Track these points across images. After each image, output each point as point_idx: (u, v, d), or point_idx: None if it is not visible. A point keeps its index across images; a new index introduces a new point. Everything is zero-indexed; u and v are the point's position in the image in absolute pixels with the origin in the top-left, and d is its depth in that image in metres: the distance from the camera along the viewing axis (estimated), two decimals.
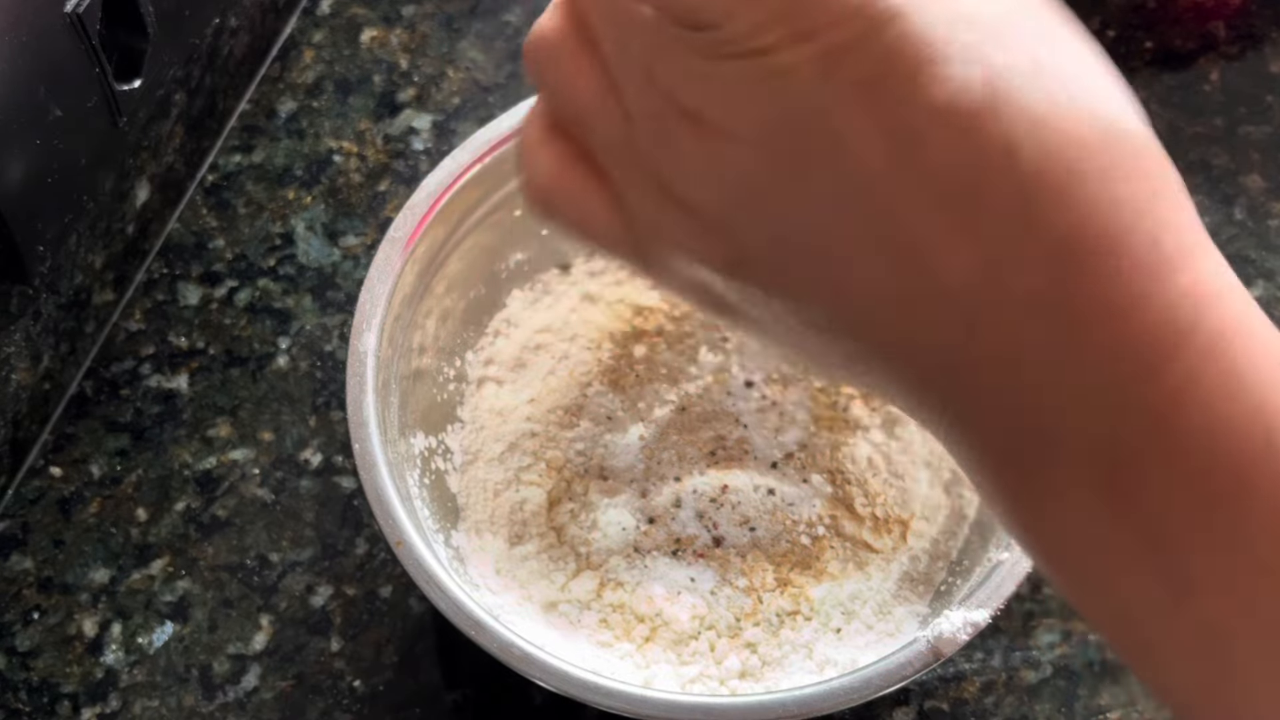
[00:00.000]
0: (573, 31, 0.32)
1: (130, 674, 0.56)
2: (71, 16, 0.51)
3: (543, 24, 0.32)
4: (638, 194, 0.31)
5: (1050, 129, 0.27)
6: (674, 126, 0.29)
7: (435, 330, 0.58)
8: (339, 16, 0.72)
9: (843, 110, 0.28)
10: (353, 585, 0.58)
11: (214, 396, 0.62)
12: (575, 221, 0.33)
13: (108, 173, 0.59)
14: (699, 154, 0.29)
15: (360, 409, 0.52)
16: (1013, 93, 0.27)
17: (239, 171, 0.67)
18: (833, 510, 0.56)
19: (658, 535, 0.56)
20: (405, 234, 0.55)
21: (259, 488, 0.60)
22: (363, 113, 0.69)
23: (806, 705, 0.48)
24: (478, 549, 0.55)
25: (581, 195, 0.32)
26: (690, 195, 0.30)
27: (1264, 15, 0.72)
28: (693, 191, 0.30)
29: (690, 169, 0.30)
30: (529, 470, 0.57)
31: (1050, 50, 0.29)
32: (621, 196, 0.32)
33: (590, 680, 0.48)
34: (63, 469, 0.61)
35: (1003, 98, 0.27)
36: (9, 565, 0.59)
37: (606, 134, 0.31)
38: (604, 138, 0.31)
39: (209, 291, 0.64)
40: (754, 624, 0.54)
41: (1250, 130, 0.69)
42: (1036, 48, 0.28)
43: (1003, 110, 0.27)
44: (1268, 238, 0.66)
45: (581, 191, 0.32)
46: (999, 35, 0.28)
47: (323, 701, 0.56)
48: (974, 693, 0.56)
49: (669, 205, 0.30)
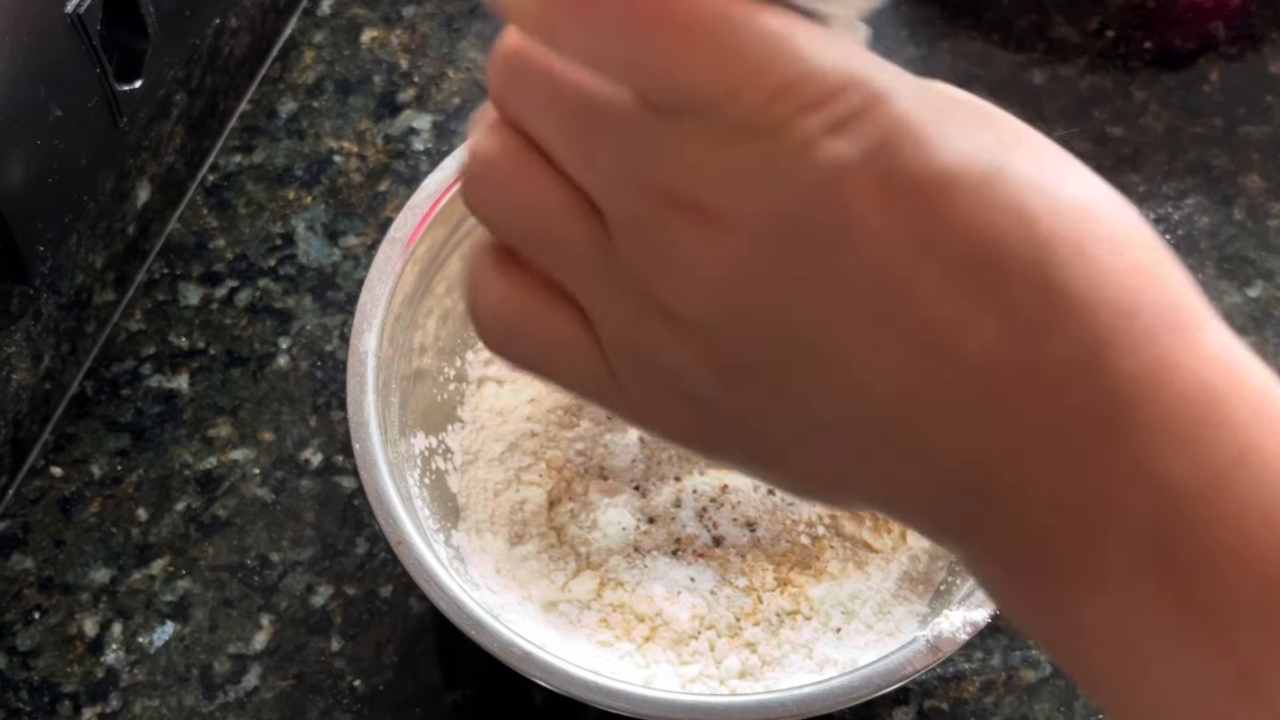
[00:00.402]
0: (518, 149, 0.29)
1: (131, 674, 0.56)
2: (72, 17, 0.51)
3: (480, 148, 0.29)
4: (616, 315, 0.29)
5: (1056, 196, 0.27)
6: (667, 226, 0.27)
7: (436, 330, 0.58)
8: (339, 17, 0.72)
9: (854, 183, 0.26)
10: (353, 585, 0.58)
11: (214, 396, 0.62)
12: (540, 357, 0.30)
13: (108, 173, 0.59)
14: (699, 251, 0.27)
15: (361, 409, 0.52)
16: (1013, 162, 0.27)
17: (239, 172, 0.68)
18: (832, 510, 0.56)
19: (658, 535, 0.56)
20: (406, 234, 0.55)
21: (259, 488, 0.60)
22: (363, 113, 0.69)
23: (806, 705, 0.48)
24: (478, 549, 0.55)
25: (546, 327, 0.29)
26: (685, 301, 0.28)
27: (1264, 15, 0.72)
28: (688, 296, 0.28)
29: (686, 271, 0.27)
30: (529, 470, 0.57)
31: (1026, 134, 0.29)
32: (596, 322, 0.29)
33: (590, 680, 0.48)
34: (63, 469, 0.61)
35: (1012, 162, 0.27)
36: (10, 565, 0.59)
37: (577, 254, 0.28)
38: (574, 259, 0.29)
39: (209, 291, 0.65)
40: (754, 624, 0.54)
41: (1250, 130, 0.69)
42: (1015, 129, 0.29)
43: (1010, 177, 0.27)
44: (1267, 238, 0.66)
45: (546, 323, 0.29)
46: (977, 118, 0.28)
47: (323, 701, 0.56)
48: (974, 692, 0.56)
49: (656, 321, 0.28)
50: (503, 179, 0.29)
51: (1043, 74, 0.71)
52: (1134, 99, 0.69)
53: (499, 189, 0.29)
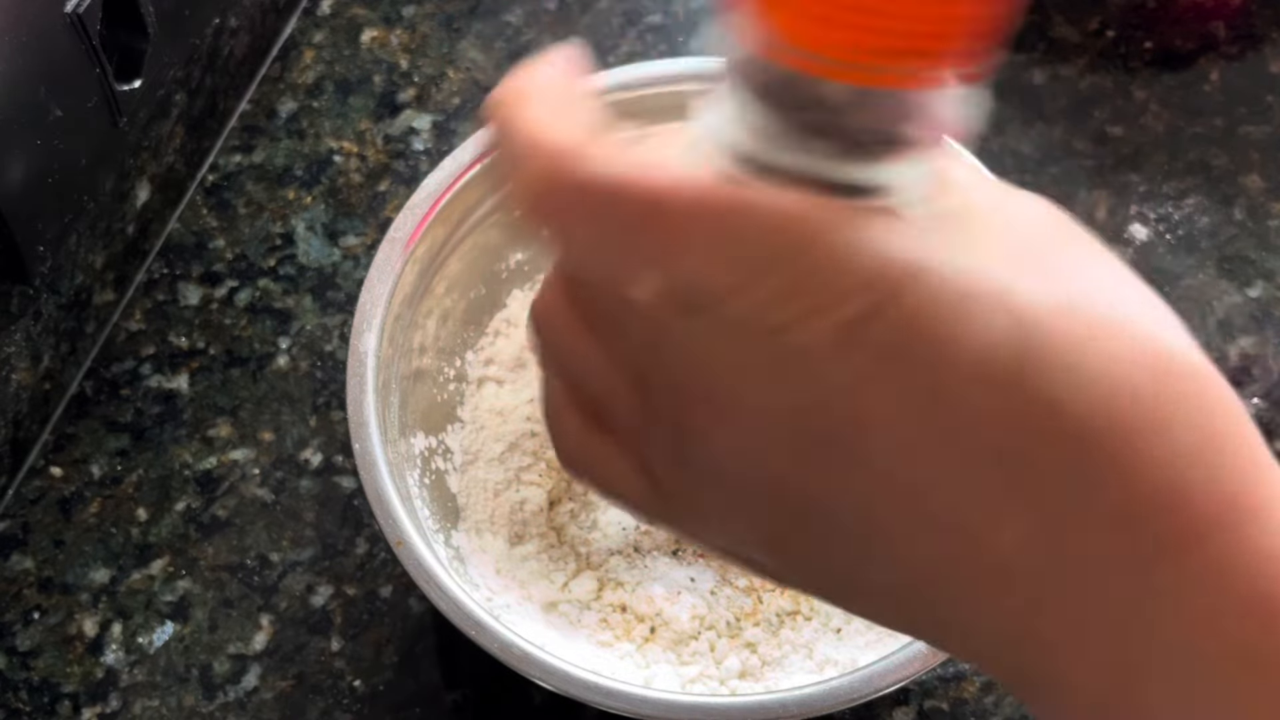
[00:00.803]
0: (569, 309, 0.29)
1: (130, 674, 0.56)
2: (72, 17, 0.51)
3: (542, 299, 0.30)
4: (662, 470, 0.29)
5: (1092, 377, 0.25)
6: (688, 411, 0.27)
7: (435, 330, 0.58)
8: (339, 17, 0.72)
9: (867, 385, 0.25)
10: (353, 585, 0.58)
11: (214, 396, 0.62)
12: (608, 489, 0.31)
13: (108, 173, 0.59)
14: (717, 438, 0.27)
15: (360, 409, 0.52)
16: (1046, 340, 0.25)
17: (239, 171, 0.68)
18: None
19: (658, 535, 0.56)
20: (405, 234, 0.55)
21: (259, 488, 0.60)
22: (363, 113, 0.69)
23: (806, 705, 0.48)
24: (478, 549, 0.55)
25: (607, 464, 0.30)
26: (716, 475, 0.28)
27: (1264, 15, 0.72)
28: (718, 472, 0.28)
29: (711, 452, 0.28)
30: (529, 470, 0.57)
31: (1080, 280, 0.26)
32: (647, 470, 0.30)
33: (590, 680, 0.48)
34: (63, 469, 0.61)
35: (1036, 348, 0.25)
36: (9, 565, 0.59)
37: (618, 415, 0.29)
38: (617, 419, 0.29)
39: (209, 291, 0.65)
40: (754, 624, 0.54)
41: (1250, 130, 0.69)
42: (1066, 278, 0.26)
43: (1038, 363, 0.25)
44: (1267, 238, 0.66)
45: (607, 461, 0.30)
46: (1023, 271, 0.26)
47: (323, 701, 0.56)
48: (974, 692, 0.56)
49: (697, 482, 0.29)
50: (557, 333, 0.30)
51: (1043, 74, 0.71)
52: (1134, 99, 0.69)
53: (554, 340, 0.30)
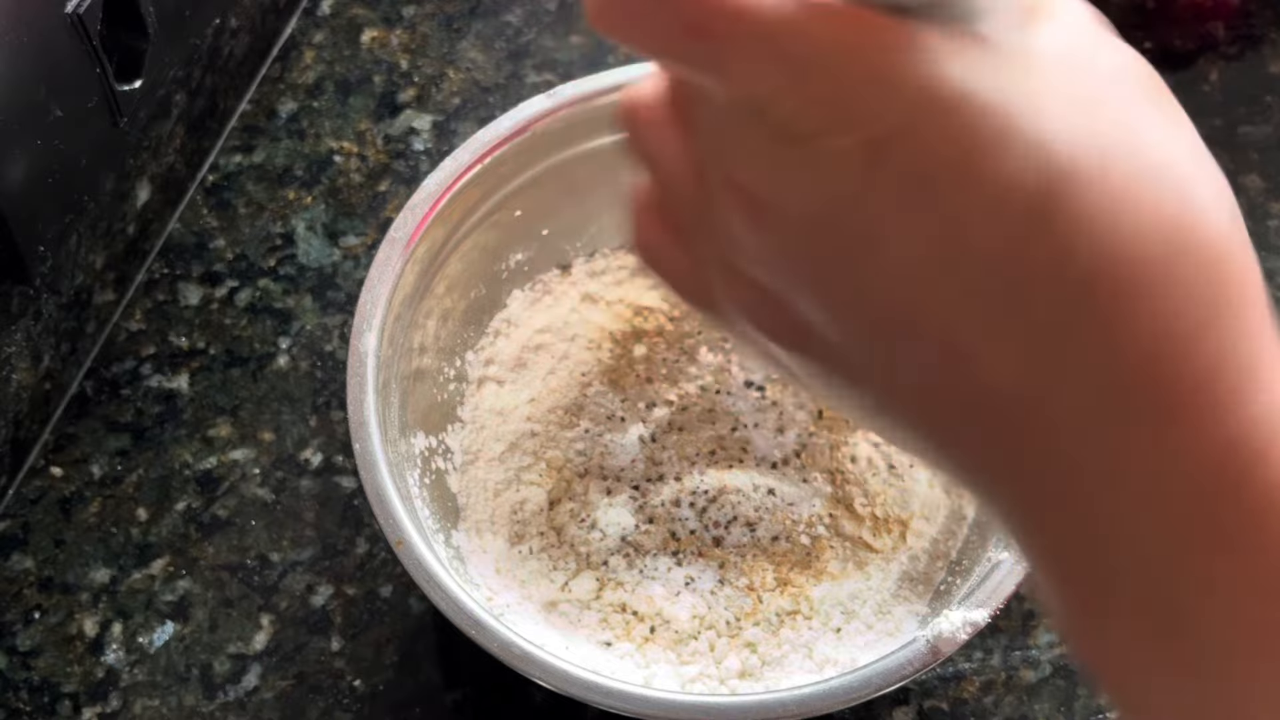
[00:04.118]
0: (666, 101, 0.31)
1: (131, 673, 0.57)
2: (72, 17, 0.51)
3: (640, 89, 0.32)
4: (711, 265, 0.32)
5: (1108, 238, 0.26)
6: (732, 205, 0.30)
7: (436, 330, 0.58)
8: (339, 17, 0.72)
9: (883, 202, 0.27)
10: (353, 585, 0.58)
11: (214, 396, 0.62)
12: (668, 283, 0.34)
13: (108, 173, 0.59)
14: (750, 233, 0.29)
15: (361, 409, 0.52)
16: (1073, 189, 0.26)
17: (239, 171, 0.68)
18: (832, 510, 0.56)
19: (658, 535, 0.56)
20: (405, 234, 0.55)
21: (259, 488, 0.60)
22: (363, 113, 0.69)
23: (806, 705, 0.48)
24: (478, 549, 0.55)
25: (671, 259, 0.33)
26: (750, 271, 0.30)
27: (1263, 15, 0.72)
28: (751, 268, 0.30)
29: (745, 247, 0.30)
30: (529, 470, 0.57)
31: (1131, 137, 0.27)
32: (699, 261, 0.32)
33: (590, 680, 0.48)
34: (63, 469, 0.61)
35: (1061, 194, 0.26)
36: (10, 565, 0.59)
37: (684, 207, 0.32)
38: (683, 211, 0.32)
39: (209, 291, 0.65)
40: (754, 623, 0.54)
41: (1249, 130, 0.69)
42: (1121, 132, 0.27)
43: (1059, 210, 0.26)
44: (1267, 238, 0.66)
45: (671, 257, 0.33)
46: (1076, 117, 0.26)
47: (323, 701, 0.56)
48: (974, 692, 0.56)
49: (737, 278, 0.31)
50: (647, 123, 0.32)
51: None
52: None
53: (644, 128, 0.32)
